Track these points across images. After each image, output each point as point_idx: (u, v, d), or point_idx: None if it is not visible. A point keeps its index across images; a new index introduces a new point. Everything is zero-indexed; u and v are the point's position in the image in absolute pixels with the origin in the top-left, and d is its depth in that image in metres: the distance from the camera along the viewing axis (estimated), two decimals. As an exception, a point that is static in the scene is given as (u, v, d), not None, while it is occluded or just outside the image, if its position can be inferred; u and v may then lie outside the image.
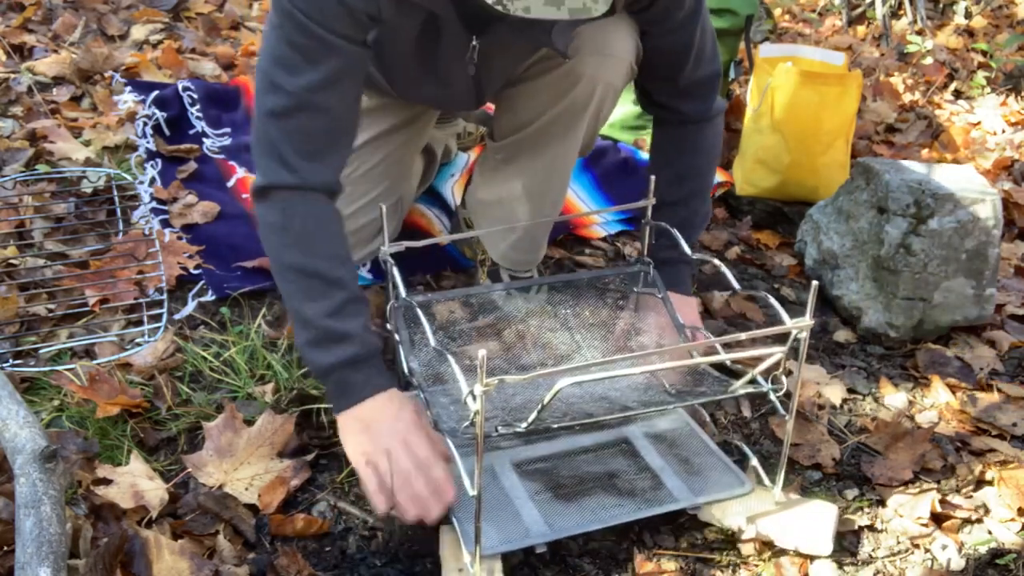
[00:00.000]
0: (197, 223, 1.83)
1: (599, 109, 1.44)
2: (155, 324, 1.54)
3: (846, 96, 2.12)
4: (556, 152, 1.50)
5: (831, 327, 1.80)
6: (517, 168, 1.55)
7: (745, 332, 1.17)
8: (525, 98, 1.46)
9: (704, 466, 1.32)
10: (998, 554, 1.28)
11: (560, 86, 1.40)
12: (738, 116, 2.43)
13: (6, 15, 2.68)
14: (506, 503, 1.23)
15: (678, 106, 1.45)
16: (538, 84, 1.43)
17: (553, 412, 1.19)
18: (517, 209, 1.58)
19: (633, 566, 1.20)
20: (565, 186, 1.60)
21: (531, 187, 1.55)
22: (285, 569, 1.14)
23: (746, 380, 1.22)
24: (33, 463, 1.03)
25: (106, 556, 1.05)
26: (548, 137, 1.48)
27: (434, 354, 1.28)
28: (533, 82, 1.44)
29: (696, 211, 1.51)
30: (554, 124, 1.45)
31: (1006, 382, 1.67)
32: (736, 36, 2.32)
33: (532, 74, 1.44)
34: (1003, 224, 1.74)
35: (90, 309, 1.56)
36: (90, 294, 1.58)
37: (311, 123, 1.21)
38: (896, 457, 1.44)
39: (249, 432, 1.32)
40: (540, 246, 1.68)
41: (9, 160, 1.95)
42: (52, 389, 1.39)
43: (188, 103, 2.27)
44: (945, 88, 3.30)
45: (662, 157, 1.50)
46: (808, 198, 2.14)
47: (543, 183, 1.55)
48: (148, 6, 2.89)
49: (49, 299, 1.58)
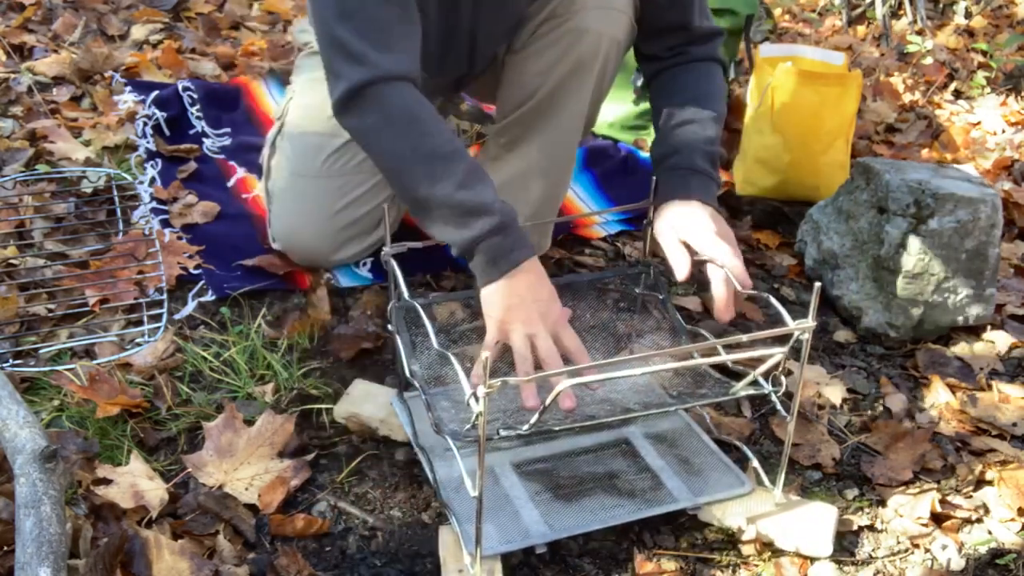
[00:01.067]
0: (197, 223, 1.83)
1: (604, 66, 1.44)
2: (155, 324, 1.54)
3: (846, 96, 2.12)
4: (562, 121, 1.49)
5: (831, 327, 1.80)
6: (521, 150, 1.56)
7: (746, 333, 1.17)
8: (531, 62, 1.46)
9: (704, 466, 1.32)
10: (998, 554, 1.28)
11: (565, 43, 1.40)
12: (738, 116, 2.43)
13: (6, 15, 2.68)
14: (506, 503, 1.23)
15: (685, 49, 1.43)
16: (542, 45, 1.43)
17: (554, 414, 1.19)
18: (524, 189, 1.58)
19: (633, 566, 1.20)
20: (572, 162, 1.59)
21: (538, 163, 1.55)
22: (285, 569, 1.14)
23: (747, 381, 1.22)
24: (33, 463, 1.03)
25: (106, 556, 1.05)
26: (555, 103, 1.47)
27: (436, 356, 1.28)
28: (537, 45, 1.44)
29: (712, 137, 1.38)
30: (561, 87, 1.45)
31: (1006, 382, 1.67)
32: (736, 36, 2.32)
33: (535, 38, 1.45)
34: (1003, 224, 1.74)
35: (90, 309, 1.56)
36: (90, 294, 1.58)
37: (380, 13, 1.19)
38: (896, 457, 1.44)
39: (249, 432, 1.32)
40: (547, 230, 1.68)
41: (9, 160, 1.95)
42: (52, 389, 1.39)
43: (188, 103, 2.27)
44: (945, 88, 3.29)
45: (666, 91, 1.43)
46: (808, 198, 2.14)
47: (550, 156, 1.54)
48: (148, 6, 2.89)
49: (49, 299, 1.58)
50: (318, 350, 1.56)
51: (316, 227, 1.64)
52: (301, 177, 1.64)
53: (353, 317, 1.63)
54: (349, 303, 1.68)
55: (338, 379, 1.49)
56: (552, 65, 1.44)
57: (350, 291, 1.70)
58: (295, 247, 1.67)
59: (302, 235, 1.65)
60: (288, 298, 1.67)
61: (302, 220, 1.65)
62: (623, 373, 1.10)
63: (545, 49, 1.44)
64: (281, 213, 1.68)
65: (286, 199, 1.66)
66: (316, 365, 1.52)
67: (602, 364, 1.13)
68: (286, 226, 1.67)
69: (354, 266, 1.74)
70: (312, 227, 1.63)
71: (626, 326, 1.47)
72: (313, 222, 1.63)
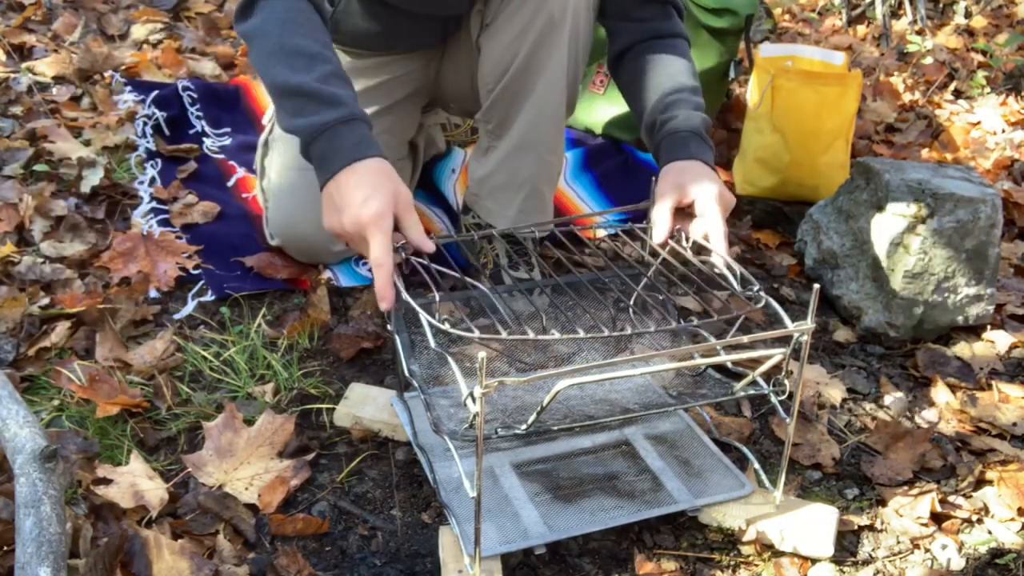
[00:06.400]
0: (197, 223, 1.83)
1: (576, 22, 1.50)
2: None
3: (846, 96, 2.12)
4: (544, 85, 1.54)
5: (831, 327, 1.80)
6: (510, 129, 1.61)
7: (746, 334, 1.17)
8: (504, 31, 1.53)
9: (704, 468, 1.32)
10: (998, 554, 1.28)
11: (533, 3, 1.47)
12: (738, 116, 2.43)
13: (6, 15, 2.68)
14: (506, 504, 1.23)
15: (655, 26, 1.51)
16: (511, 10, 1.50)
17: (553, 414, 1.19)
18: (518, 165, 1.61)
19: (633, 566, 1.20)
20: (561, 131, 1.65)
21: (527, 135, 1.60)
22: (285, 569, 1.14)
23: (747, 382, 1.22)
24: (33, 463, 1.03)
25: (106, 556, 1.05)
26: (534, 66, 1.53)
27: (434, 356, 1.28)
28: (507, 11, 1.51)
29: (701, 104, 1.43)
30: (537, 48, 1.51)
31: (1006, 382, 1.67)
32: (736, 36, 2.32)
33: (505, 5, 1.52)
34: (1003, 224, 1.74)
35: (90, 308, 1.55)
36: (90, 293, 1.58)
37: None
38: (896, 457, 1.44)
39: (249, 432, 1.32)
40: (548, 203, 1.70)
41: (9, 160, 1.95)
42: (52, 389, 1.39)
43: (188, 103, 2.27)
44: (945, 88, 3.29)
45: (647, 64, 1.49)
46: (808, 198, 2.14)
47: (537, 126, 1.59)
48: (148, 6, 2.89)
49: (48, 298, 1.58)
50: (318, 350, 1.56)
51: (311, 218, 1.64)
52: (293, 170, 1.65)
53: (353, 317, 1.63)
54: (349, 303, 1.68)
55: (338, 379, 1.49)
56: (525, 28, 1.49)
57: (350, 291, 1.70)
58: (292, 241, 1.68)
59: (299, 227, 1.66)
60: (288, 298, 1.67)
61: (298, 212, 1.65)
62: (623, 373, 1.10)
63: (515, 14, 1.50)
64: (277, 208, 1.68)
65: (281, 194, 1.67)
66: (316, 365, 1.52)
67: (602, 364, 1.12)
68: (283, 220, 1.67)
69: (354, 264, 1.75)
70: (307, 218, 1.63)
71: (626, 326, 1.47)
72: (308, 213, 1.63)
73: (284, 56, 1.21)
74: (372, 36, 1.64)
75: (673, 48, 1.50)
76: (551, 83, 1.55)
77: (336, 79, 1.21)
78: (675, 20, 1.54)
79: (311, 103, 1.19)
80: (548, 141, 1.62)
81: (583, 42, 1.55)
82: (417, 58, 1.73)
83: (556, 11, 1.47)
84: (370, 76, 1.70)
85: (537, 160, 1.62)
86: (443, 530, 1.19)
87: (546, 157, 1.63)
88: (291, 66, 1.20)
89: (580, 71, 1.59)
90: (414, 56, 1.72)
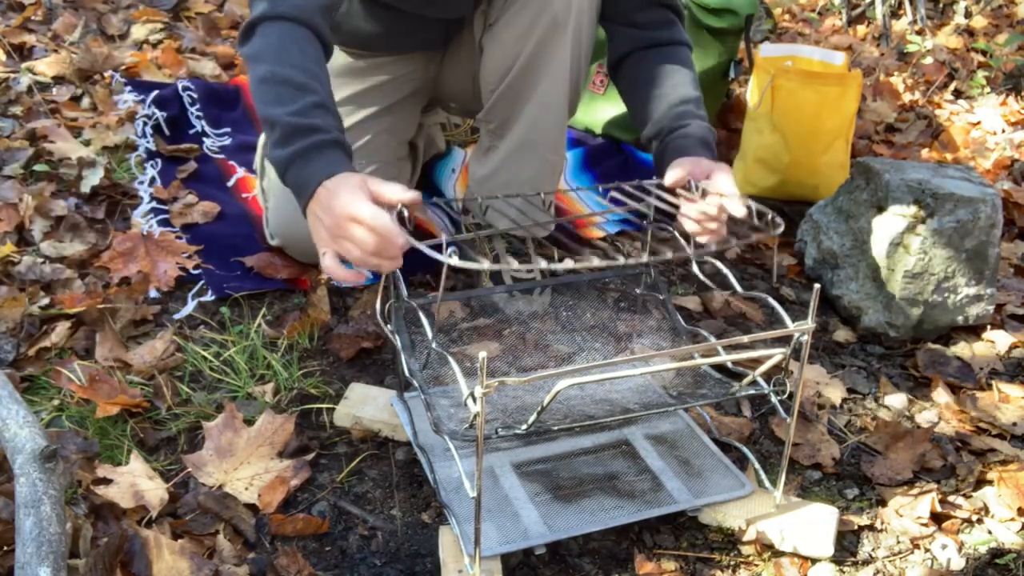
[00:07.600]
0: (197, 223, 1.83)
1: (579, 23, 1.50)
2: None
3: (846, 96, 2.12)
4: (546, 85, 1.54)
5: (831, 327, 1.80)
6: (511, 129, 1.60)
7: (746, 333, 1.17)
8: (508, 30, 1.53)
9: (704, 468, 1.32)
10: (998, 554, 1.28)
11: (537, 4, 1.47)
12: (738, 116, 2.43)
13: (6, 15, 2.68)
14: (506, 504, 1.23)
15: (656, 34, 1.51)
16: (515, 10, 1.51)
17: (554, 414, 1.18)
18: (519, 165, 1.61)
19: (633, 566, 1.20)
20: (563, 131, 1.65)
21: (528, 135, 1.60)
22: (285, 569, 1.14)
23: (747, 382, 1.22)
24: (33, 463, 1.03)
25: (106, 556, 1.05)
26: (537, 66, 1.53)
27: (435, 356, 1.28)
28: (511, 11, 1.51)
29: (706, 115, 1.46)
30: (540, 49, 1.51)
31: (1006, 382, 1.67)
32: (736, 36, 2.32)
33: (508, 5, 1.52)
34: (1003, 224, 1.74)
35: (90, 308, 1.55)
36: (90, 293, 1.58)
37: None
38: (896, 457, 1.44)
39: (249, 432, 1.32)
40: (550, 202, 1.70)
41: (9, 160, 1.95)
42: (52, 389, 1.39)
43: (188, 103, 2.27)
44: (945, 88, 3.29)
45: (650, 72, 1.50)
46: (808, 198, 2.14)
47: (539, 126, 1.59)
48: (148, 6, 2.89)
49: (48, 298, 1.58)
50: (318, 350, 1.56)
51: None
52: None
53: (353, 317, 1.63)
54: (349, 303, 1.68)
55: (338, 379, 1.49)
56: (528, 29, 1.50)
57: (350, 291, 1.70)
58: (292, 241, 1.68)
59: (299, 227, 1.65)
60: (288, 298, 1.67)
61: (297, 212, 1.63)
62: (623, 373, 1.10)
63: (518, 14, 1.50)
64: (277, 208, 1.68)
65: (281, 194, 1.67)
66: (316, 365, 1.52)
67: (602, 364, 1.13)
68: (282, 220, 1.67)
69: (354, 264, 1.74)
70: None
71: (626, 326, 1.47)
72: None
73: (272, 85, 1.22)
74: (374, 37, 1.64)
75: (675, 57, 1.50)
76: (554, 83, 1.55)
77: (318, 110, 1.21)
78: (677, 27, 1.53)
79: (290, 135, 1.19)
80: (550, 141, 1.62)
81: (586, 43, 1.55)
82: (417, 58, 1.73)
83: (560, 12, 1.48)
84: (369, 76, 1.70)
85: (539, 160, 1.62)
86: (443, 530, 1.19)
87: (548, 157, 1.63)
88: (277, 96, 1.21)
89: (583, 72, 1.60)
90: (414, 56, 1.72)
